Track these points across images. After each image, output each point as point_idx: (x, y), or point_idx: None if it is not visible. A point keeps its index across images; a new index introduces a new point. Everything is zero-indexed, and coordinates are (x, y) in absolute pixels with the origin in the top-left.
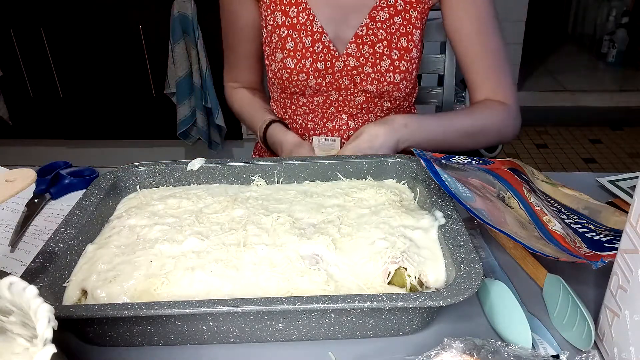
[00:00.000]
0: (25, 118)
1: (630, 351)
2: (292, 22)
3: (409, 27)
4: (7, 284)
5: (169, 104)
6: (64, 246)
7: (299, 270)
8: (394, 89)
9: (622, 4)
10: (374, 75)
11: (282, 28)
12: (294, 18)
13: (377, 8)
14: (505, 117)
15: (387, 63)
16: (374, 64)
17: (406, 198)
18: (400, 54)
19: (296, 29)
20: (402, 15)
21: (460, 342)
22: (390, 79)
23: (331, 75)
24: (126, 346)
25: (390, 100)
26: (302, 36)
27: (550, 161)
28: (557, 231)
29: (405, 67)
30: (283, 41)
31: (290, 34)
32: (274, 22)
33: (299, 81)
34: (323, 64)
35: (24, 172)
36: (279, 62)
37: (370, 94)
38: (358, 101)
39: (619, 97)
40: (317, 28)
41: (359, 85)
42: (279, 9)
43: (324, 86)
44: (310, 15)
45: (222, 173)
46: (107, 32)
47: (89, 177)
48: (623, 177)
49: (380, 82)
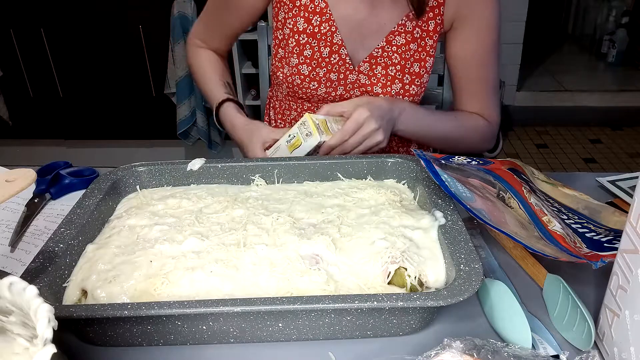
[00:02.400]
0: (25, 118)
1: (630, 351)
2: (314, 30)
3: (423, 54)
4: (7, 284)
5: (169, 104)
6: (64, 246)
7: (299, 270)
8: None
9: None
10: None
11: (302, 35)
12: (316, 27)
13: (395, 33)
14: (487, 132)
15: (398, 87)
16: (384, 86)
17: (406, 198)
18: (411, 78)
19: (316, 37)
20: (417, 43)
21: (460, 342)
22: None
23: (343, 87)
24: (126, 346)
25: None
26: (321, 46)
27: (550, 161)
28: (557, 231)
29: (415, 91)
30: (301, 47)
31: (310, 41)
32: (294, 26)
33: (309, 89)
34: (336, 75)
35: (24, 172)
36: (293, 67)
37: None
38: None
39: (619, 97)
40: (337, 40)
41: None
42: (302, 15)
43: (334, 97)
44: (332, 27)
45: (222, 173)
46: (107, 32)
47: (89, 177)
48: (623, 177)
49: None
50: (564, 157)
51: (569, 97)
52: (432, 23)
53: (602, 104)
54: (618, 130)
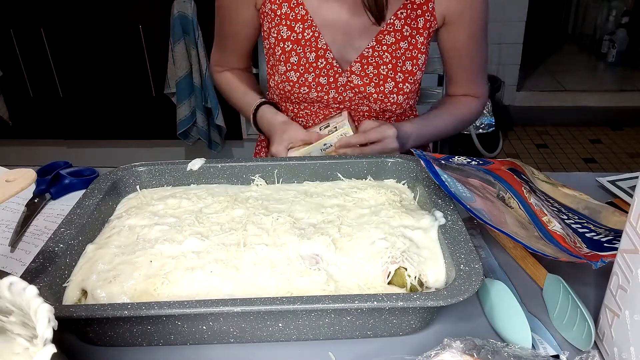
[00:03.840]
0: (25, 118)
1: (630, 351)
2: (297, 37)
3: (415, 52)
4: (7, 284)
5: (169, 104)
6: (64, 246)
7: (299, 270)
8: (396, 108)
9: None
10: (377, 96)
11: (286, 42)
12: (299, 34)
13: (384, 32)
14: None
15: (391, 85)
16: (377, 85)
17: (406, 198)
18: (404, 76)
19: (301, 44)
20: (408, 41)
21: (460, 342)
22: (394, 100)
23: (334, 90)
24: (126, 346)
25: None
26: (306, 52)
27: (550, 161)
28: (557, 231)
29: (409, 88)
30: (287, 55)
31: (295, 48)
32: (278, 35)
33: (300, 93)
34: (326, 79)
35: (24, 172)
36: (282, 74)
37: (374, 111)
38: (360, 111)
39: (619, 97)
40: (321, 45)
41: (361, 104)
42: (284, 24)
43: (326, 100)
44: (315, 33)
45: (222, 173)
46: (107, 32)
47: (89, 177)
48: (623, 177)
49: (383, 102)
50: (564, 157)
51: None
52: (422, 20)
53: (602, 104)
54: (618, 130)
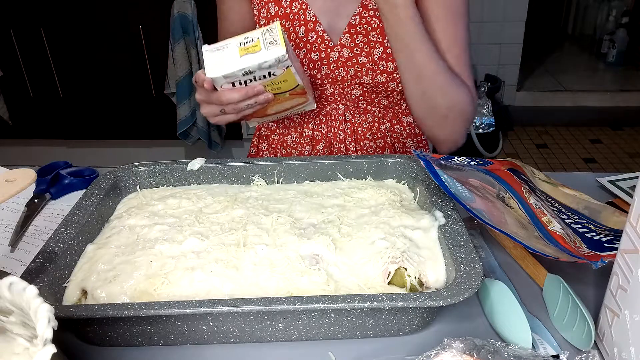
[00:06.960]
0: (25, 118)
1: (630, 351)
2: (285, 11)
3: None
4: (7, 284)
5: (169, 104)
6: (64, 246)
7: (299, 270)
8: (388, 79)
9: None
10: (369, 65)
11: (275, 19)
12: (287, 8)
13: None
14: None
15: (380, 51)
16: (368, 53)
17: (406, 198)
18: None
19: (289, 18)
20: None
21: (460, 342)
22: (384, 67)
23: (326, 66)
24: (126, 346)
25: (386, 96)
26: (295, 26)
27: (550, 161)
28: (557, 231)
29: None
30: None
31: (284, 24)
32: (267, 13)
33: None
34: (317, 55)
35: (24, 172)
36: None
37: (366, 87)
38: (354, 94)
39: (619, 97)
40: (310, 17)
41: (354, 78)
42: (272, 0)
43: (319, 79)
44: (303, 4)
45: (222, 173)
46: (107, 32)
47: (89, 177)
48: (623, 177)
49: (374, 71)
50: (564, 157)
51: (569, 97)
52: None
53: (602, 104)
54: (618, 130)
